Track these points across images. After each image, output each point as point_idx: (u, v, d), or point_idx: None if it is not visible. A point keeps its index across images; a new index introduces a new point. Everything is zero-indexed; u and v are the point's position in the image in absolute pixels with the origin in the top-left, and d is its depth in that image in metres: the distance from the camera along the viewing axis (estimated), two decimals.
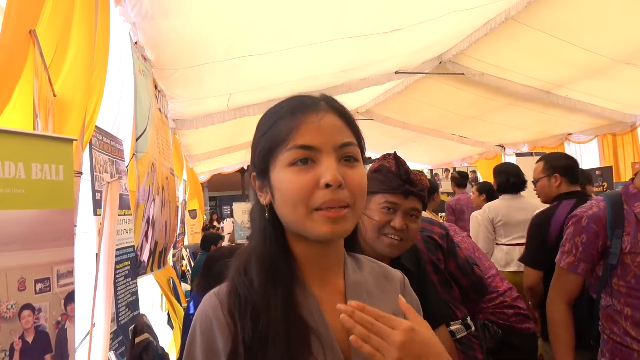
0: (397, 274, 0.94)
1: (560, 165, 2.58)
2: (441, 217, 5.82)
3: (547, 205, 2.61)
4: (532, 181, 2.74)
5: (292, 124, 0.75)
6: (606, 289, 1.53)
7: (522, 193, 3.62)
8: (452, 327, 1.77)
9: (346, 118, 0.80)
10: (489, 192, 4.85)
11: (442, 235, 1.84)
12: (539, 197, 2.71)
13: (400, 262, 1.48)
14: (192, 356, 0.76)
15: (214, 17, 2.88)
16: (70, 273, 0.91)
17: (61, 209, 0.88)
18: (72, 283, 0.92)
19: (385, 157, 1.51)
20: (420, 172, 1.49)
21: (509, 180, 3.55)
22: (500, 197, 3.70)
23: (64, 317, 0.90)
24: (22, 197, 0.82)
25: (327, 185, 0.72)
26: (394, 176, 1.42)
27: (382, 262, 1.40)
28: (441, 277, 1.80)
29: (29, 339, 0.82)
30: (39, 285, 0.84)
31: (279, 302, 0.74)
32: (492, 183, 4.20)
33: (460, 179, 5.80)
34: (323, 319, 0.77)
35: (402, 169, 1.43)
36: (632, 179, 1.57)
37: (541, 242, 2.41)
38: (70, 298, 0.91)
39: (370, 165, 1.53)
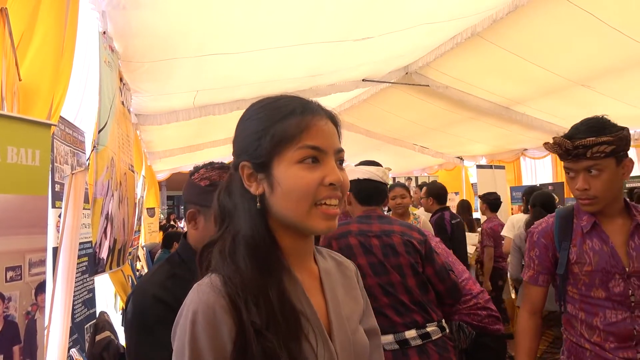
0: (351, 264, 1.02)
1: (433, 192, 4.77)
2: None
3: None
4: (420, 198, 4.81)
5: (302, 124, 0.80)
6: (564, 296, 1.65)
7: None
8: (428, 329, 1.83)
9: (338, 126, 0.88)
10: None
11: (420, 241, 1.90)
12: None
13: None
14: (198, 351, 0.73)
15: (188, 11, 2.83)
16: (42, 262, 0.86)
17: (36, 196, 0.84)
18: (44, 272, 0.87)
19: (225, 168, 1.52)
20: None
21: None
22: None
23: (34, 308, 0.86)
24: None
25: (331, 184, 0.80)
26: None
27: None
28: (418, 279, 1.85)
29: None
30: (10, 274, 0.79)
31: (274, 290, 0.76)
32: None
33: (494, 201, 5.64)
34: (309, 302, 0.82)
35: None
36: None
37: (442, 230, 4.28)
38: (41, 288, 0.87)
39: (201, 172, 1.53)
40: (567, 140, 1.50)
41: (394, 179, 8.82)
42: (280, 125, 0.81)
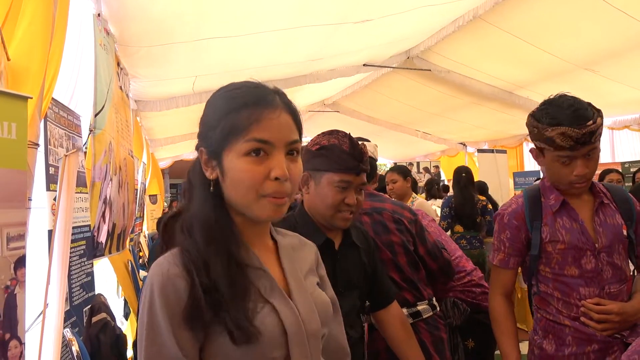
0: (311, 243, 1.07)
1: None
2: None
3: None
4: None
5: (253, 116, 0.82)
6: (536, 276, 1.63)
7: None
8: (419, 307, 1.82)
9: (295, 116, 0.89)
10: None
11: (411, 220, 1.87)
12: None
13: (351, 239, 1.53)
14: (156, 323, 0.77)
15: None
16: (22, 237, 0.85)
17: (13, 169, 0.82)
18: (24, 247, 0.86)
19: (334, 134, 1.50)
20: (363, 144, 1.51)
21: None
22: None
23: (14, 282, 0.84)
24: None
25: (277, 179, 0.82)
26: (348, 156, 1.44)
27: (336, 234, 1.52)
28: (410, 258, 1.83)
29: None
30: None
31: (223, 256, 0.81)
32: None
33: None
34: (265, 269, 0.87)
35: (357, 150, 1.47)
36: None
37: None
38: (21, 262, 0.85)
39: (314, 139, 1.54)
40: (577, 130, 1.42)
41: (394, 164, 8.78)
42: (231, 117, 0.83)
